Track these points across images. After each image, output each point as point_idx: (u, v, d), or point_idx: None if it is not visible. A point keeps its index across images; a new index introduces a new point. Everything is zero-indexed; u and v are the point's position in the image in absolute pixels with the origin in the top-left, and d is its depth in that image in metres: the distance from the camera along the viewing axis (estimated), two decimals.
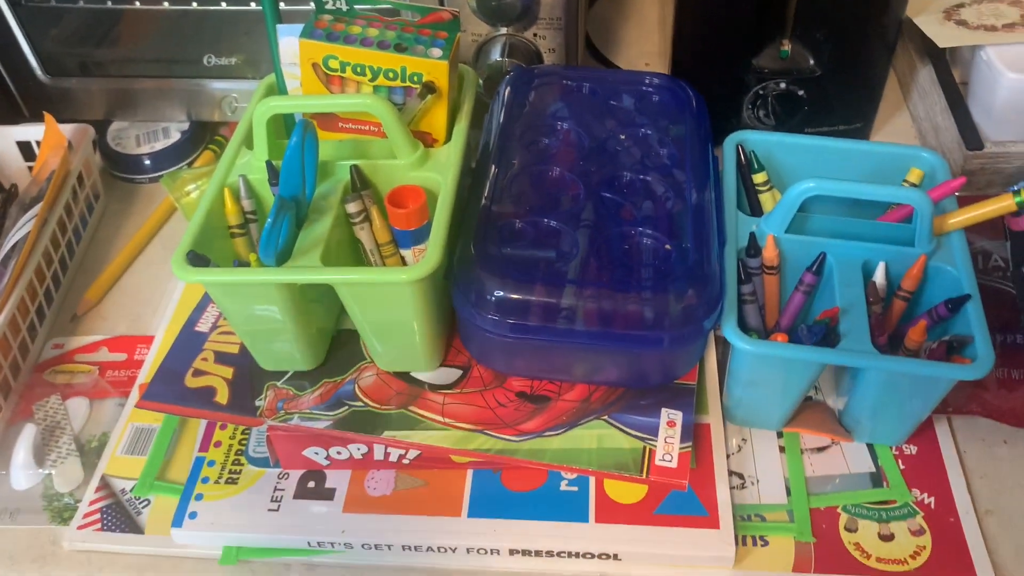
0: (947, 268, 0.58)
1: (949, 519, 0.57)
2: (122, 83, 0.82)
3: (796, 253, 0.60)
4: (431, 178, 0.56)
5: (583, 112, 0.65)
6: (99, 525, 0.59)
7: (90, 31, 0.80)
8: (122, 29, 0.80)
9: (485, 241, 0.55)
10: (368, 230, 0.55)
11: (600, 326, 0.52)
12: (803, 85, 0.77)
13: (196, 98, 0.82)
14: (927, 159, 0.64)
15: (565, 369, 0.57)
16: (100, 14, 0.78)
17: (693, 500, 0.56)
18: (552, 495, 0.57)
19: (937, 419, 0.62)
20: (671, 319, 0.52)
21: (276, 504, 0.58)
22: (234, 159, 0.57)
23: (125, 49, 0.82)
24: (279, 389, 0.58)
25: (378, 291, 0.51)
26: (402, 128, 0.54)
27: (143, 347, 0.70)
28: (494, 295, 0.52)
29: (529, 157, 0.61)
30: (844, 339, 0.54)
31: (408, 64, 0.54)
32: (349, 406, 0.56)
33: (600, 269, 0.54)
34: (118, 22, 0.80)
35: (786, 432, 0.61)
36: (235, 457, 0.60)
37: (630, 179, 0.60)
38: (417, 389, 0.57)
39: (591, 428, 0.55)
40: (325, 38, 0.53)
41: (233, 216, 0.56)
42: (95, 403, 0.66)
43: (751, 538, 0.56)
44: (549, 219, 0.57)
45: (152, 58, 0.82)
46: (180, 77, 0.81)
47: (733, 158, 0.65)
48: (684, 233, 0.56)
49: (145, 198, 0.83)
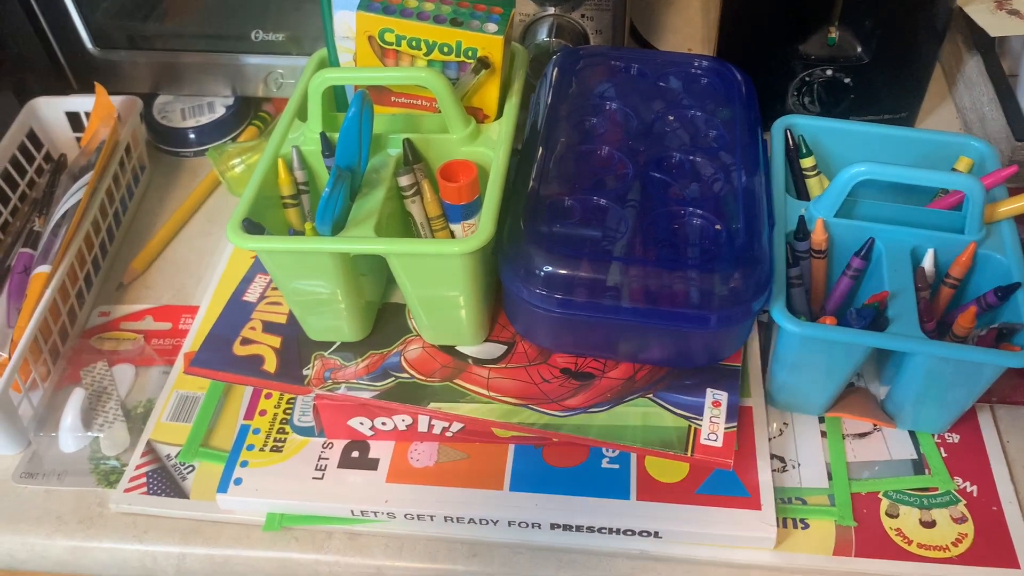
0: (996, 256, 0.57)
1: (991, 508, 0.57)
2: (169, 57, 0.83)
3: (844, 238, 0.59)
4: (482, 153, 0.56)
5: (631, 93, 0.65)
6: (145, 489, 0.60)
7: (140, 4, 0.81)
8: (171, 3, 0.81)
9: (534, 217, 0.55)
10: (419, 203, 0.55)
11: (647, 304, 0.52)
12: (849, 73, 0.76)
13: (241, 73, 0.83)
14: (976, 147, 0.63)
15: (610, 347, 0.57)
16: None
17: (735, 481, 0.56)
18: (594, 472, 0.58)
19: (980, 408, 0.62)
20: (719, 299, 0.52)
21: (320, 473, 0.58)
22: (287, 131, 0.58)
23: (173, 23, 0.82)
24: (326, 359, 0.58)
25: (429, 263, 0.51)
26: (456, 103, 0.54)
27: (187, 317, 0.71)
28: (543, 270, 0.52)
29: (577, 136, 0.61)
30: (893, 323, 0.54)
31: (463, 39, 0.54)
32: (395, 377, 0.57)
33: (649, 247, 0.54)
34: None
35: (828, 417, 0.61)
36: (280, 426, 0.61)
37: (679, 159, 0.60)
38: (462, 363, 0.58)
39: (636, 406, 0.55)
40: (382, 11, 0.54)
41: (286, 186, 0.56)
42: (140, 370, 0.67)
43: (791, 520, 0.57)
44: (598, 197, 0.57)
45: (199, 33, 0.82)
46: (227, 52, 0.82)
47: (781, 142, 0.64)
48: (734, 214, 0.56)
49: (189, 171, 0.84)
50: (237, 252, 0.74)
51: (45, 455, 0.63)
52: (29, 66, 0.81)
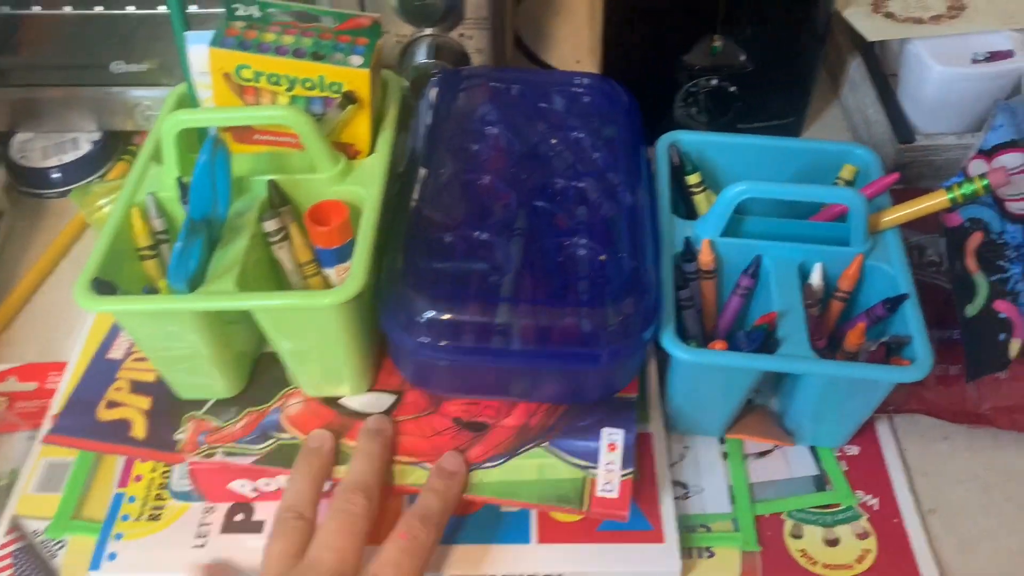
0: (883, 267, 0.57)
1: (893, 520, 0.57)
2: (25, 92, 0.77)
3: (733, 256, 0.58)
4: (355, 192, 0.53)
5: (513, 115, 0.63)
6: (11, 572, 0.55)
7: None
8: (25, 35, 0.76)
9: (414, 257, 0.52)
10: (288, 249, 0.52)
11: (536, 344, 0.50)
12: (735, 81, 0.76)
13: (106, 107, 0.78)
14: (860, 155, 0.63)
15: (502, 388, 0.55)
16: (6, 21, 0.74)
17: (637, 515, 0.55)
18: (493, 518, 0.55)
19: (878, 418, 0.61)
20: (609, 333, 0.50)
21: (203, 540, 0.55)
22: (143, 175, 0.54)
23: (27, 56, 0.77)
24: (199, 420, 0.54)
25: (299, 316, 0.48)
26: (322, 141, 0.51)
27: (55, 375, 0.66)
28: (424, 316, 0.50)
29: (458, 164, 0.59)
30: (782, 344, 0.53)
31: (326, 73, 0.51)
32: (276, 438, 0.54)
33: (535, 283, 0.52)
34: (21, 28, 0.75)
35: (728, 438, 0.60)
36: (157, 491, 0.57)
37: (563, 186, 0.58)
38: (348, 419, 0.55)
39: (531, 457, 0.53)
40: (237, 46, 0.50)
41: (142, 237, 0.52)
42: (3, 437, 0.62)
43: (696, 550, 0.55)
44: (480, 231, 0.54)
45: (57, 65, 0.77)
46: (88, 85, 0.77)
47: (666, 160, 0.63)
48: (619, 241, 0.54)
49: (54, 214, 0.78)
50: None
51: None
52: None
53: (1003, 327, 0.58)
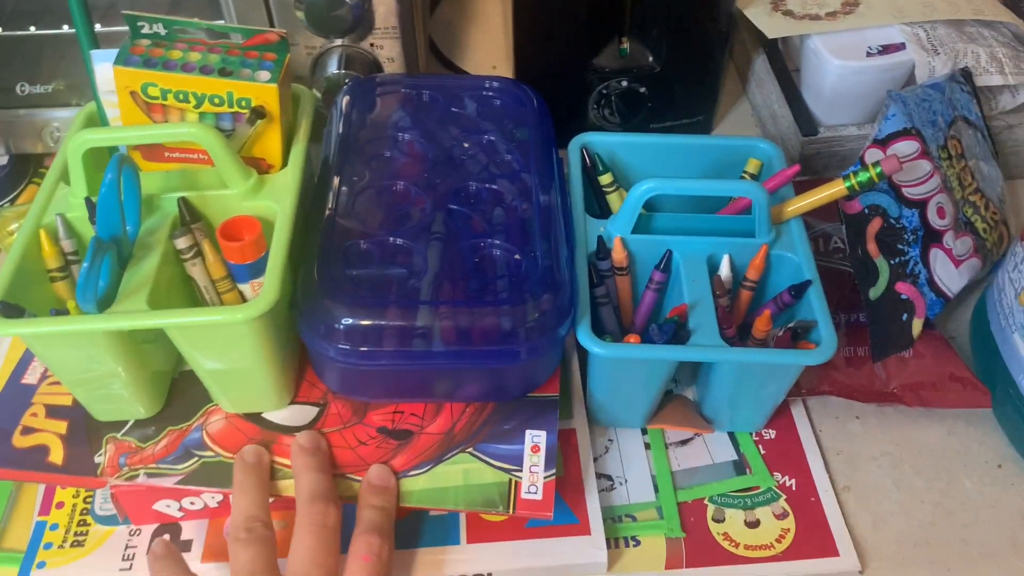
0: (788, 255, 0.59)
1: (810, 499, 0.59)
2: None
3: (644, 252, 0.60)
4: (267, 206, 0.53)
5: (425, 121, 0.64)
6: None
7: None
8: None
9: (329, 265, 0.52)
10: (201, 266, 0.52)
11: (455, 344, 0.51)
12: (644, 82, 0.77)
13: (13, 129, 0.76)
14: (764, 149, 0.65)
15: (425, 390, 0.55)
16: None
17: (563, 509, 0.56)
18: (422, 521, 0.56)
19: (792, 402, 0.64)
20: (526, 330, 0.51)
21: (128, 563, 0.54)
22: (51, 196, 0.53)
23: None
24: (120, 442, 0.54)
25: (214, 333, 0.48)
26: (232, 156, 0.51)
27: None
28: (343, 323, 0.50)
29: (372, 172, 0.59)
30: (694, 335, 0.55)
31: (235, 89, 0.51)
32: (199, 457, 0.53)
33: (452, 285, 0.53)
34: None
35: (650, 429, 0.62)
36: (80, 517, 0.56)
37: (477, 188, 0.59)
38: (272, 433, 0.54)
39: (456, 463, 0.53)
40: (142, 64, 0.50)
41: (52, 259, 0.52)
42: None
43: (623, 540, 0.57)
44: (396, 237, 0.55)
45: None
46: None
47: (579, 161, 0.65)
48: (533, 240, 0.55)
49: None
50: None
51: None
52: None
53: (906, 308, 0.61)
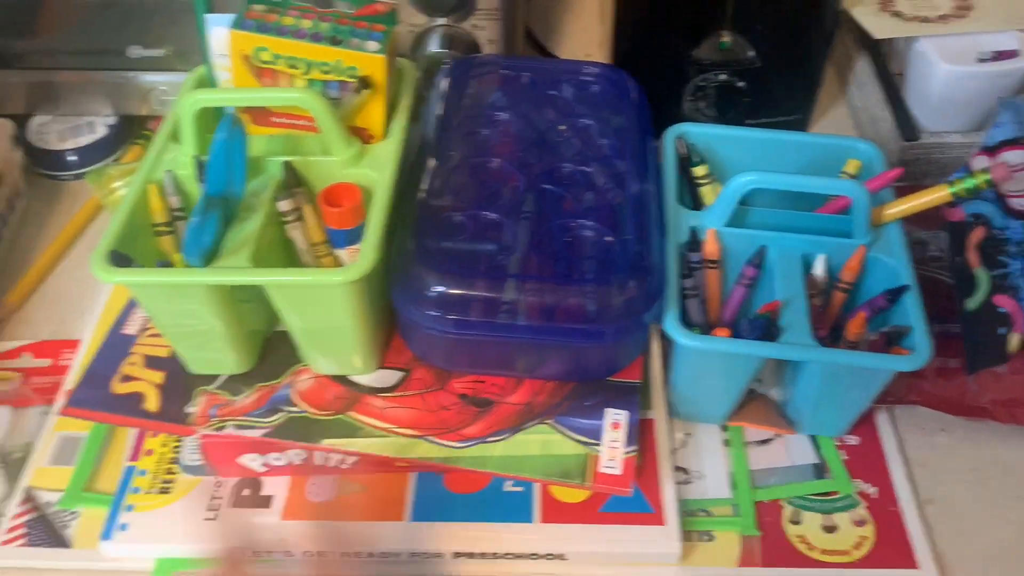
0: (885, 259, 0.58)
1: (890, 508, 0.57)
2: (44, 75, 0.79)
3: (737, 247, 0.59)
4: (367, 175, 0.54)
5: (522, 102, 0.64)
6: (24, 540, 0.56)
7: (11, 21, 0.76)
8: (43, 19, 0.77)
9: (424, 236, 0.53)
10: (301, 229, 0.53)
11: (541, 320, 0.51)
12: (743, 76, 0.76)
13: (122, 91, 0.79)
14: (864, 150, 0.64)
15: (507, 364, 0.56)
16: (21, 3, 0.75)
17: (638, 497, 0.56)
18: (496, 496, 0.56)
19: (877, 409, 0.62)
20: (612, 312, 0.51)
21: (213, 513, 0.56)
22: (160, 154, 0.55)
23: (46, 40, 0.78)
24: (211, 394, 0.56)
25: (311, 293, 0.49)
26: (337, 124, 0.52)
27: (68, 352, 0.67)
28: (434, 291, 0.51)
29: (468, 149, 0.60)
30: (785, 332, 0.54)
31: (343, 57, 0.52)
32: (286, 412, 0.55)
33: (541, 262, 0.53)
34: (40, 10, 0.76)
35: (730, 426, 0.61)
36: (168, 466, 0.58)
37: (571, 170, 0.59)
38: (356, 393, 0.56)
39: (535, 433, 0.54)
40: (256, 29, 0.51)
41: (159, 213, 0.53)
42: (18, 411, 0.63)
43: (696, 533, 0.56)
44: (489, 212, 0.56)
45: (75, 49, 0.78)
46: (104, 69, 0.78)
47: (673, 151, 0.64)
48: (624, 225, 0.55)
49: (69, 196, 0.79)
50: None
51: None
52: None
53: (1003, 321, 0.59)
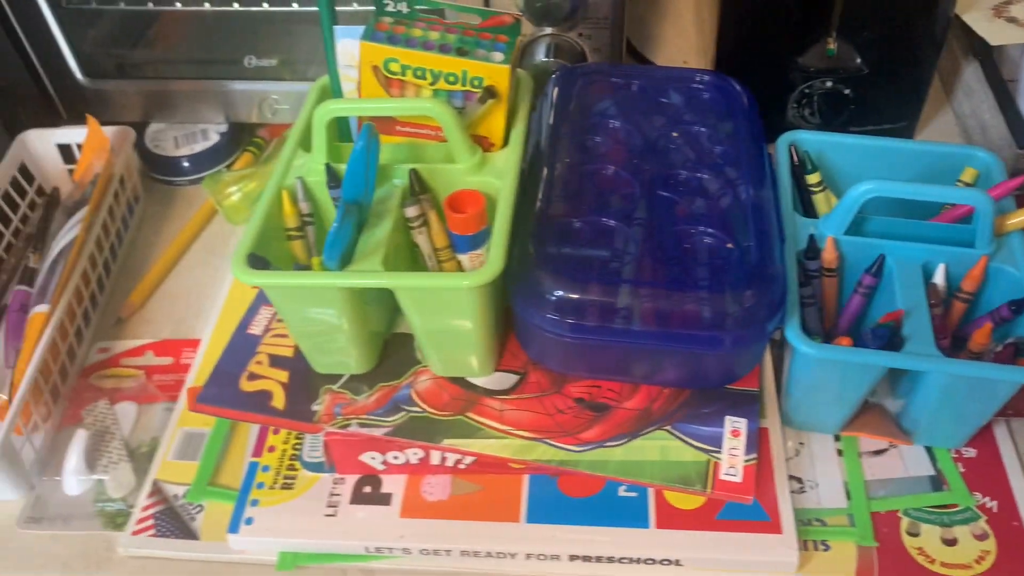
0: (1008, 269, 0.57)
1: (1012, 523, 0.56)
2: (160, 85, 0.82)
3: (854, 255, 0.59)
4: (489, 183, 0.55)
5: (632, 110, 0.65)
6: (153, 531, 0.59)
7: (130, 32, 0.80)
8: (161, 30, 0.80)
9: (543, 241, 0.54)
10: (426, 234, 0.54)
11: (662, 326, 0.52)
12: (849, 84, 0.76)
13: (234, 99, 0.82)
14: (982, 158, 0.63)
15: (624, 370, 0.56)
16: (140, 15, 0.78)
17: (755, 505, 0.56)
18: (611, 501, 0.57)
19: (995, 422, 0.61)
20: (733, 319, 0.52)
21: (333, 509, 0.57)
22: (290, 161, 0.57)
23: (164, 50, 0.81)
24: (335, 393, 0.57)
25: (439, 296, 0.51)
26: (462, 133, 0.54)
27: (189, 351, 0.69)
28: (554, 295, 0.52)
29: (581, 156, 0.61)
30: (908, 342, 0.53)
31: (470, 68, 0.53)
32: (407, 411, 0.56)
33: (660, 268, 0.53)
34: (158, 23, 0.79)
35: (844, 436, 0.61)
36: (289, 462, 0.60)
37: (685, 177, 0.59)
38: (474, 395, 0.57)
39: (654, 439, 0.54)
40: (387, 40, 0.53)
41: (291, 218, 0.55)
42: (143, 408, 0.66)
43: (812, 543, 0.56)
44: (606, 218, 0.56)
45: (191, 59, 0.81)
46: (219, 79, 0.81)
47: (786, 158, 0.64)
48: (744, 232, 0.55)
49: (184, 200, 0.83)
50: (238, 283, 0.73)
51: (49, 499, 0.61)
52: (18, 99, 0.79)
53: None
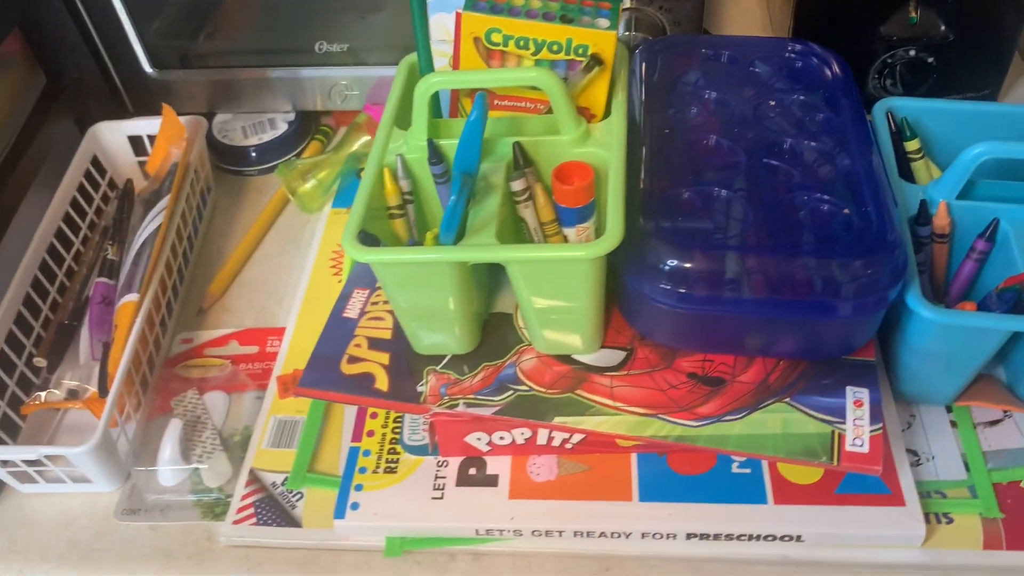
0: None
1: None
2: (227, 74, 0.81)
3: (964, 220, 0.58)
4: (596, 154, 0.54)
5: (725, 80, 0.63)
6: (254, 520, 0.58)
7: (198, 21, 0.79)
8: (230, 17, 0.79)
9: (653, 212, 0.53)
10: (532, 208, 0.53)
11: (781, 294, 0.50)
12: (933, 52, 0.74)
13: (303, 87, 0.81)
14: None
15: (738, 342, 0.55)
16: (209, 4, 0.77)
17: (874, 478, 0.54)
18: (724, 478, 0.55)
19: None
20: (857, 286, 0.50)
21: (440, 492, 0.56)
22: (388, 139, 0.56)
23: (233, 40, 0.80)
24: (439, 374, 0.56)
25: (555, 269, 0.49)
26: (569, 103, 0.52)
27: (274, 339, 0.69)
28: (668, 264, 0.50)
29: (679, 127, 0.59)
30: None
31: (574, 35, 0.52)
32: (514, 390, 0.55)
33: (777, 235, 0.52)
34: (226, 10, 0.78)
35: (956, 406, 0.59)
36: (390, 446, 0.59)
37: (790, 144, 0.57)
38: (582, 372, 0.55)
39: (774, 411, 0.53)
40: (489, 10, 0.52)
41: (392, 197, 0.54)
42: (233, 396, 0.65)
43: (933, 516, 0.55)
44: (715, 187, 0.55)
45: (259, 47, 0.80)
46: (288, 66, 0.80)
47: (884, 126, 0.62)
48: (859, 198, 0.53)
49: (254, 190, 0.82)
50: (318, 270, 0.72)
51: (144, 490, 0.61)
52: (88, 91, 0.79)
53: None
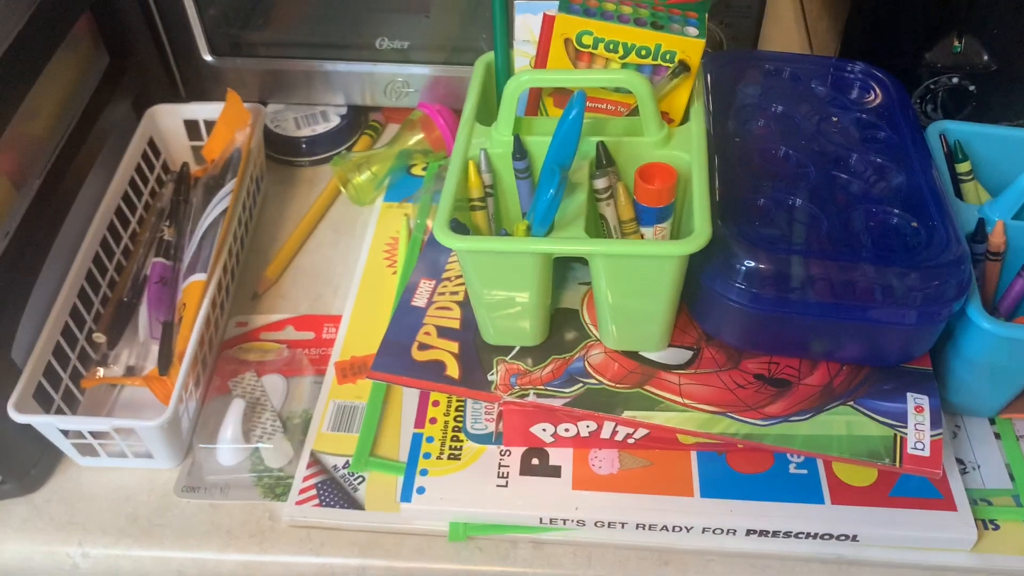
0: None
1: None
2: (282, 64, 0.82)
3: (1017, 240, 0.60)
4: (676, 156, 0.56)
5: (789, 95, 0.65)
6: (316, 501, 0.59)
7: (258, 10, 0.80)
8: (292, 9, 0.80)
9: (729, 215, 0.55)
10: (613, 206, 0.55)
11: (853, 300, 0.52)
12: (974, 80, 0.77)
13: (358, 81, 0.82)
14: None
15: (804, 344, 0.56)
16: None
17: (926, 483, 0.56)
18: (783, 477, 0.57)
19: None
20: (924, 296, 0.52)
21: (504, 480, 0.57)
22: (470, 133, 0.57)
23: (290, 31, 0.81)
24: (509, 364, 0.57)
25: (640, 265, 0.51)
26: (655, 105, 0.54)
27: (330, 326, 0.70)
28: (744, 265, 0.52)
29: (747, 138, 0.62)
30: None
31: (663, 42, 0.54)
32: (583, 383, 0.56)
33: (850, 244, 0.54)
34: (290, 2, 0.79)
35: (999, 419, 0.61)
36: (453, 434, 0.60)
37: (857, 158, 0.60)
38: (650, 369, 0.57)
39: (838, 414, 0.54)
40: (583, 13, 0.53)
41: (476, 189, 0.56)
42: (291, 380, 0.66)
43: (981, 522, 0.57)
44: (788, 195, 0.57)
45: (317, 41, 0.81)
46: (345, 60, 0.81)
47: (938, 146, 0.65)
48: (925, 213, 0.56)
49: (304, 181, 0.83)
50: (372, 261, 0.73)
51: (204, 468, 0.61)
52: (147, 74, 0.79)
53: None
